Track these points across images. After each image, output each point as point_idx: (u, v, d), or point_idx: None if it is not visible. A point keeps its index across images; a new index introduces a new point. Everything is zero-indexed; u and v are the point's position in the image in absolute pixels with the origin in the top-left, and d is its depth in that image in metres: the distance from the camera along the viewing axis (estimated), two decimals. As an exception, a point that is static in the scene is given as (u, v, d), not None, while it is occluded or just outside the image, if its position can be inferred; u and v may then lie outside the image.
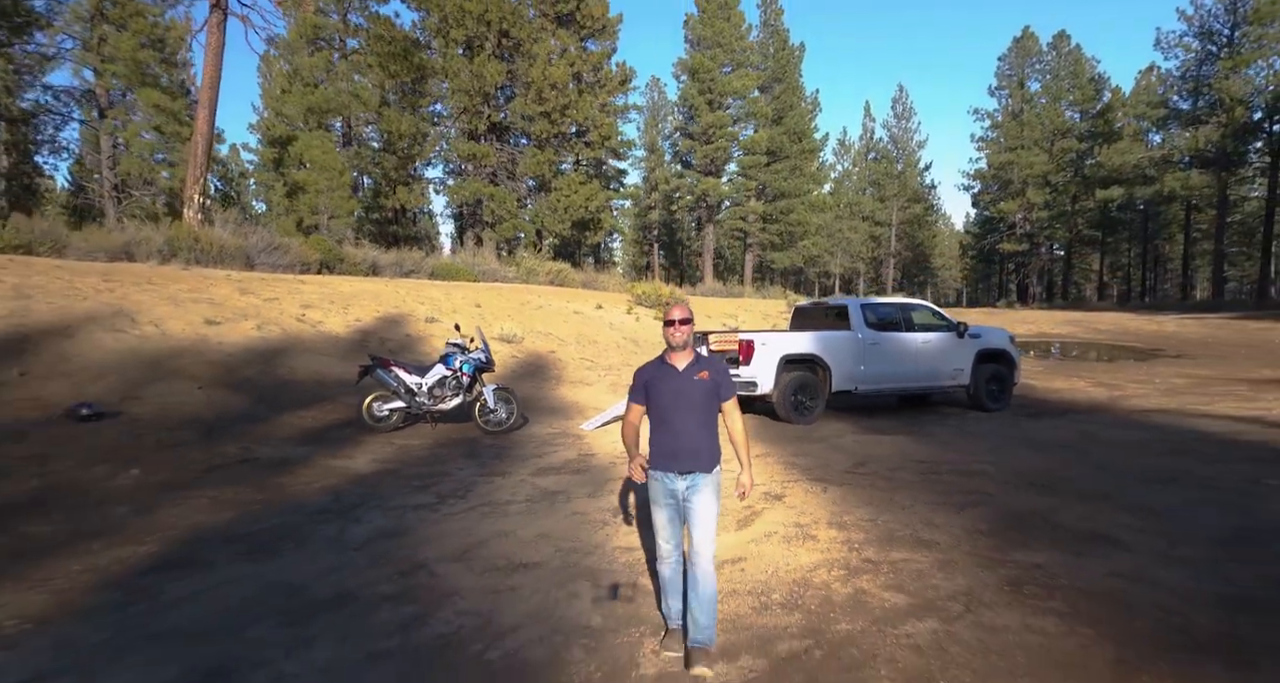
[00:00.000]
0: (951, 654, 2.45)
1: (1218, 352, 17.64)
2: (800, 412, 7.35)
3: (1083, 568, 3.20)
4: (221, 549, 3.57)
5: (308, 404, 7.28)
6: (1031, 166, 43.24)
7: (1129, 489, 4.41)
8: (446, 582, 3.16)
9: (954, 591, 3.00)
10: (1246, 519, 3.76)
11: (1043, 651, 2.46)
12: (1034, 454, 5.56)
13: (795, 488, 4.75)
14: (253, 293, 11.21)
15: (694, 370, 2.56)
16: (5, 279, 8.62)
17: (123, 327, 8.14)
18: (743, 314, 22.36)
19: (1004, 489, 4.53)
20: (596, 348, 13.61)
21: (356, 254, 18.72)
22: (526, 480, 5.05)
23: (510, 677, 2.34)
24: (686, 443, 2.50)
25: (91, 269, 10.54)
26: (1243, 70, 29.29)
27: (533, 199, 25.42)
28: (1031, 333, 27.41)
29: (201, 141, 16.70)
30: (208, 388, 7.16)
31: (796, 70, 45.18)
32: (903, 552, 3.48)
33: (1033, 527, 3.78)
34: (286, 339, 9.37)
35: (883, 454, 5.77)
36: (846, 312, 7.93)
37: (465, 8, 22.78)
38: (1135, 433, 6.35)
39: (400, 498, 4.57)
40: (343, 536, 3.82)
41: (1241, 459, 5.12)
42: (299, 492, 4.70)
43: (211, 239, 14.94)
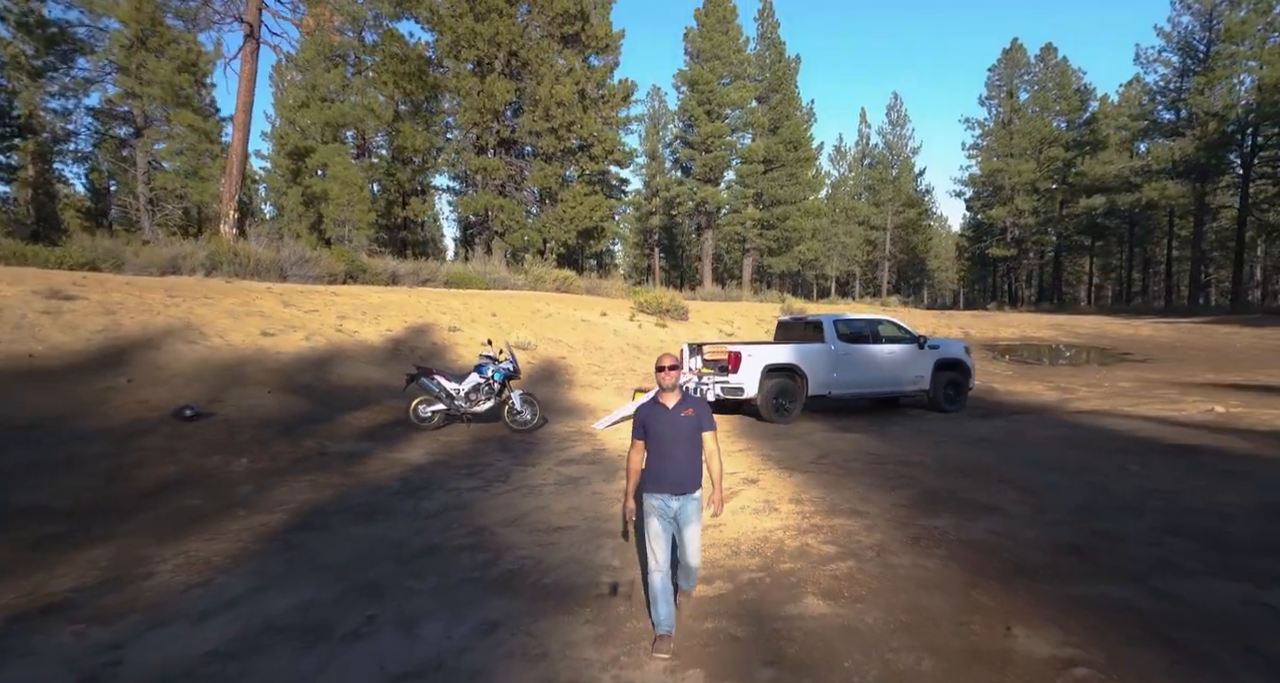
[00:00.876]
0: (858, 580, 3.61)
1: (1180, 355, 18.77)
2: (780, 413, 8.52)
3: (968, 528, 4.37)
4: (333, 517, 4.74)
5: (359, 407, 8.44)
6: (1020, 174, 44.38)
7: (1026, 474, 5.58)
8: (505, 539, 4.33)
9: (871, 544, 4.16)
10: (1100, 495, 4.92)
11: (922, 578, 3.62)
12: (966, 448, 6.73)
13: (768, 475, 5.91)
14: (294, 305, 12.37)
15: (681, 408, 3.10)
16: (91, 297, 9.79)
17: (195, 339, 9.32)
18: (739, 320, 23.50)
19: (931, 475, 5.70)
20: (602, 354, 14.77)
21: (377, 264, 19.86)
22: (553, 469, 6.21)
23: (561, 592, 3.50)
24: (678, 468, 3.03)
25: (154, 284, 11.71)
26: (1216, 86, 30.40)
27: (540, 209, 26.57)
28: (1015, 336, 28.37)
29: (236, 161, 17.87)
30: (275, 393, 8.33)
31: (793, 81, 46.36)
32: (840, 519, 4.64)
33: (942, 501, 4.94)
34: (331, 349, 10.53)
35: (843, 449, 6.94)
36: (821, 326, 9.11)
37: (477, 30, 23.93)
38: (1058, 431, 7.51)
39: (454, 482, 5.74)
40: (418, 508, 4.99)
41: (1123, 451, 6.28)
42: (373, 477, 5.87)
43: (248, 253, 16.10)
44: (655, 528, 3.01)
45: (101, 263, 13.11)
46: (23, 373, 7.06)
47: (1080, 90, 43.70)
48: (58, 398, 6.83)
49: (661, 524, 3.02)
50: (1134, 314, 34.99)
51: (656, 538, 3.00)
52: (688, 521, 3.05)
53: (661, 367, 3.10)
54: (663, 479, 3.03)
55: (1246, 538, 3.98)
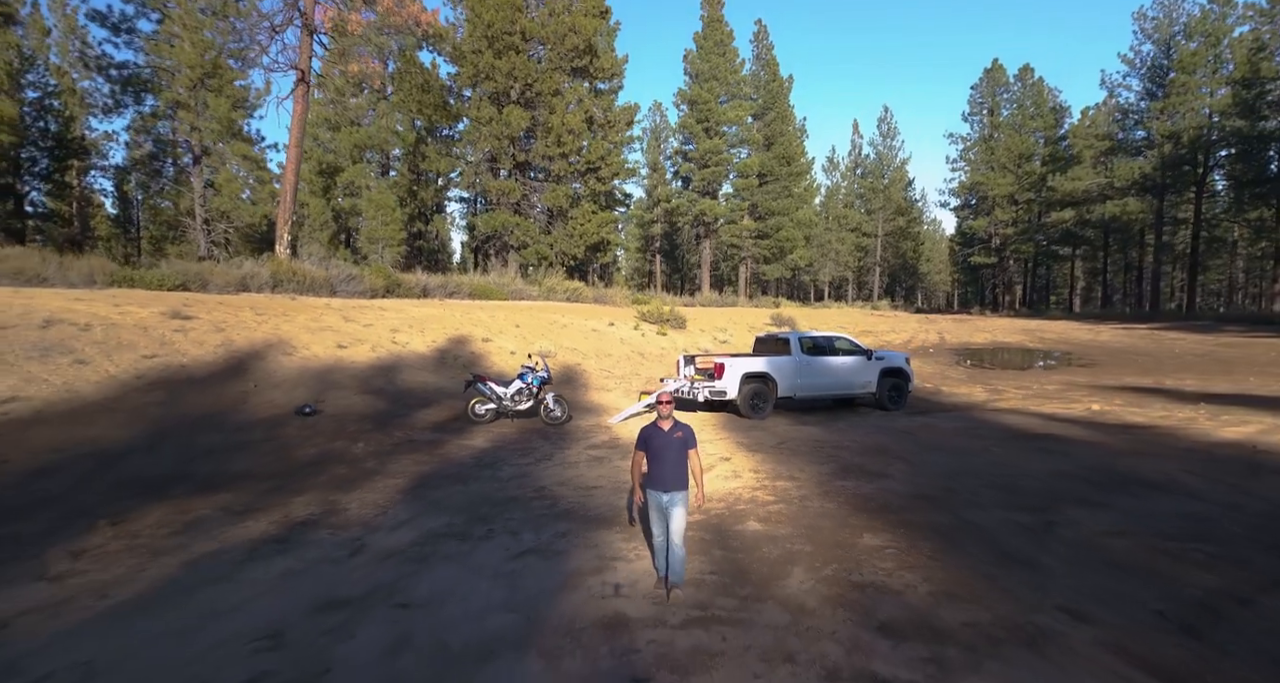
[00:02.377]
0: (783, 514, 5.75)
1: (1121, 360, 20.87)
2: (755, 410, 10.67)
3: (862, 486, 6.51)
4: (439, 481, 6.89)
5: (425, 406, 10.61)
6: (999, 187, 46.52)
7: (918, 453, 7.73)
8: (558, 493, 6.48)
9: (797, 495, 6.30)
10: (959, 466, 7.07)
11: (821, 512, 5.76)
12: (886, 437, 8.88)
13: (738, 455, 8.06)
14: (354, 321, 14.53)
15: (673, 432, 4.08)
16: (202, 317, 11.95)
17: (289, 351, 11.49)
18: (732, 327, 25.63)
19: (852, 455, 7.85)
20: (611, 360, 16.93)
21: (410, 279, 22.03)
22: (583, 451, 8.37)
23: (599, 519, 5.63)
24: (669, 473, 3.99)
25: (240, 303, 13.87)
26: (1172, 111, 32.48)
27: (551, 226, 28.72)
28: (986, 341, 30.34)
29: (289, 191, 20.03)
30: (359, 395, 10.50)
31: (786, 100, 48.54)
32: (782, 482, 6.78)
33: (852, 471, 7.10)
34: (392, 358, 12.70)
35: (797, 437, 9.09)
36: (788, 342, 11.26)
37: (495, 65, 26.09)
38: (962, 425, 9.67)
39: (514, 460, 7.89)
40: (494, 475, 7.14)
41: (996, 438, 8.43)
42: (454, 457, 8.02)
43: (304, 272, 18.28)
44: (653, 514, 4.10)
45: (191, 283, 15.30)
46: (182, 380, 9.23)
47: (1055, 108, 45.84)
48: (213, 398, 9.00)
49: (656, 511, 4.08)
50: (1101, 320, 37.09)
51: (654, 521, 4.11)
52: (674, 509, 4.01)
53: (660, 401, 4.22)
54: (658, 480, 4.03)
55: (1030, 489, 6.13)
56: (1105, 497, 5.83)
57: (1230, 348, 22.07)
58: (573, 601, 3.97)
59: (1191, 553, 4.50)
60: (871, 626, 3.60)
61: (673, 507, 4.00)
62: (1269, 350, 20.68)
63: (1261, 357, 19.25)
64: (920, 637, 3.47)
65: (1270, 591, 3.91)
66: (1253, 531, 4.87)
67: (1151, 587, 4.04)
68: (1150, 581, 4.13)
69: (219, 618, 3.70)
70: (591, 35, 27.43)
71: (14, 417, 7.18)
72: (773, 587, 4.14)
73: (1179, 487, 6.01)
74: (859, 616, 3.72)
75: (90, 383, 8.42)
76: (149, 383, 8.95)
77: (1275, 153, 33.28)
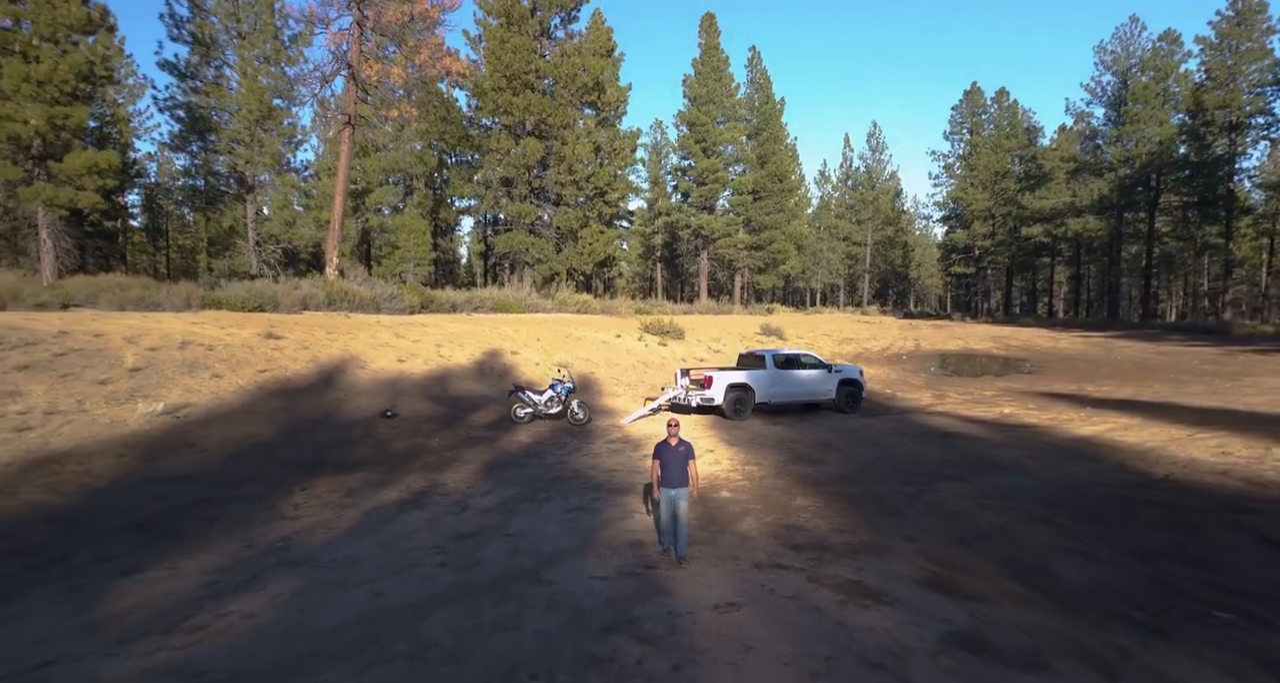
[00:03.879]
0: (746, 487, 8.20)
1: (1067, 366, 23.28)
2: (737, 413, 13.12)
3: (806, 470, 8.97)
4: (501, 466, 9.36)
5: (475, 410, 13.06)
6: (977, 202, 48.95)
7: (852, 446, 10.19)
8: (589, 474, 8.94)
9: (759, 475, 8.75)
10: (880, 456, 9.52)
11: (773, 487, 8.21)
12: (832, 434, 11.33)
13: (720, 448, 10.52)
14: (404, 337, 16.99)
15: (679, 447, 5.70)
16: (288, 336, 14.42)
17: (361, 365, 13.96)
18: (725, 337, 28.04)
19: (804, 447, 10.31)
20: (619, 369, 19.38)
21: (441, 296, 24.51)
22: (603, 446, 10.83)
23: (621, 490, 8.09)
24: (675, 476, 5.60)
25: (314, 322, 16.33)
26: (1127, 138, 34.89)
27: (563, 245, 31.20)
28: (957, 348, 32.65)
29: (337, 220, 22.48)
30: (423, 401, 12.97)
31: (778, 121, 50.97)
32: (750, 467, 9.24)
33: (802, 459, 9.55)
34: (442, 370, 15.16)
35: (767, 434, 11.55)
36: (764, 358, 13.72)
37: (513, 101, 28.56)
38: (896, 425, 12.12)
39: (553, 452, 10.34)
40: (541, 462, 9.60)
41: (917, 435, 10.88)
42: (507, 449, 10.48)
43: (353, 292, 20.75)
44: (663, 505, 5.71)
45: (266, 305, 17.79)
46: (291, 390, 11.71)
47: (1029, 129, 48.28)
48: (316, 404, 11.47)
49: (666, 503, 5.67)
50: (1068, 327, 39.48)
51: (664, 510, 5.72)
52: (680, 502, 5.61)
53: (670, 424, 6.01)
54: (667, 481, 5.67)
55: (920, 471, 8.59)
56: (966, 475, 8.28)
57: (1164, 356, 24.50)
58: (607, 533, 6.43)
59: (997, 507, 6.95)
60: (786, 545, 6.05)
61: (679, 500, 5.61)
62: (1194, 358, 23.10)
63: (1183, 364, 21.68)
64: (813, 549, 5.92)
65: (1026, 525, 6.36)
66: (1045, 494, 7.32)
67: (962, 525, 6.50)
68: (963, 521, 6.59)
69: (402, 539, 6.16)
70: (599, 74, 29.92)
71: (192, 418, 9.66)
72: (731, 527, 6.60)
73: (1018, 468, 8.46)
74: (780, 540, 6.17)
75: (229, 392, 10.90)
76: (269, 392, 11.43)
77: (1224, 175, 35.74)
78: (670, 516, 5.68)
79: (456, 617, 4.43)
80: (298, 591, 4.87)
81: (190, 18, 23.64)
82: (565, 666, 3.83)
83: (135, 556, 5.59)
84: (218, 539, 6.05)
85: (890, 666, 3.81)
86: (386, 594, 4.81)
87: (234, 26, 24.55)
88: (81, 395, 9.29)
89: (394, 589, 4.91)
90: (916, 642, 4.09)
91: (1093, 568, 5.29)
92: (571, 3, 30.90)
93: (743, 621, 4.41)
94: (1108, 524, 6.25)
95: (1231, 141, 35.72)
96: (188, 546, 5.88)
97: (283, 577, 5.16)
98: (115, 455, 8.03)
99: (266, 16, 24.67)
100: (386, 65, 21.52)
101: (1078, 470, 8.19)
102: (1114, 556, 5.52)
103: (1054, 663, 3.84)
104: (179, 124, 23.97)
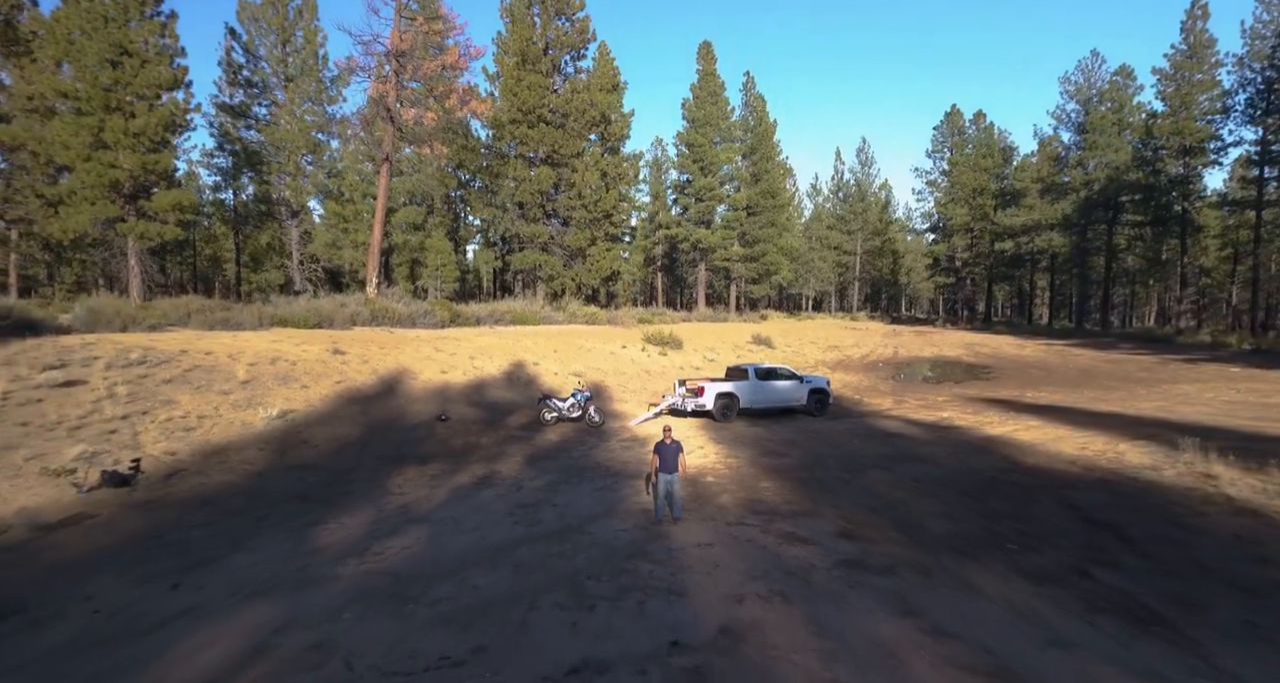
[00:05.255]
0: (726, 473, 10.69)
1: (1021, 373, 25.74)
2: (725, 417, 15.62)
3: (773, 461, 11.46)
4: (539, 459, 11.86)
5: (510, 413, 15.56)
6: (957, 217, 51.46)
7: (811, 444, 12.68)
8: (608, 465, 11.43)
9: (736, 466, 11.25)
10: (831, 451, 12.01)
11: (746, 473, 10.70)
12: (798, 435, 13.83)
13: (708, 445, 13.02)
14: (442, 350, 19.50)
15: (672, 445, 7.74)
16: (350, 351, 16.93)
17: (412, 376, 16.47)
18: (719, 346, 30.54)
19: (774, 444, 12.81)
20: (625, 377, 21.88)
21: (466, 311, 27.02)
22: (616, 444, 13.33)
23: (631, 475, 10.60)
24: (669, 465, 7.64)
25: (368, 338, 18.83)
26: (1087, 162, 37.42)
27: (573, 262, 33.72)
28: (932, 355, 35.14)
29: (375, 246, 25.00)
30: (467, 407, 15.47)
31: (771, 140, 53.48)
32: (730, 459, 11.73)
33: (771, 452, 12.06)
34: (478, 380, 17.66)
35: (747, 434, 14.05)
36: (746, 371, 16.22)
37: (529, 134, 31.10)
38: (850, 426, 14.60)
39: (577, 448, 12.84)
40: (569, 456, 12.11)
41: (865, 435, 13.36)
42: (541, 446, 12.98)
43: (393, 309, 23.27)
44: (660, 486, 7.76)
45: (324, 323, 20.30)
46: (362, 397, 14.22)
47: (1005, 149, 50.81)
48: (384, 409, 13.98)
49: (661, 485, 7.73)
50: (1035, 335, 41.99)
51: (660, 489, 7.74)
52: (673, 484, 7.73)
53: (665, 431, 8.13)
54: (663, 468, 7.68)
55: (859, 463, 11.09)
56: (893, 465, 10.79)
57: (1109, 364, 26.99)
58: (624, 504, 8.92)
59: (906, 487, 9.45)
60: (750, 511, 8.54)
61: (672, 483, 7.83)
62: (1134, 366, 25.60)
63: (1121, 371, 24.17)
64: (768, 514, 8.41)
65: (920, 499, 8.85)
66: (942, 478, 9.81)
67: (876, 499, 8.99)
68: (878, 497, 9.08)
69: (484, 507, 8.66)
70: (605, 108, 32.46)
71: (297, 421, 12.17)
72: (712, 501, 9.10)
73: (933, 460, 10.97)
74: (746, 509, 8.66)
75: (317, 400, 13.42)
76: (346, 399, 13.94)
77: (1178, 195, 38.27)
78: (665, 494, 8.06)
79: (534, 549, 6.94)
80: (429, 535, 7.39)
81: (245, 64, 26.21)
82: (606, 575, 6.31)
83: (309, 515, 8.10)
84: (357, 506, 8.57)
85: (800, 573, 6.30)
86: (486, 537, 7.32)
87: (282, 70, 27.12)
88: (215, 403, 11.81)
89: (489, 535, 7.42)
90: (820, 563, 6.59)
91: (951, 524, 7.79)
92: (580, 42, 33.46)
93: (715, 553, 6.91)
94: (975, 498, 8.76)
95: (1186, 165, 38.24)
96: (338, 510, 8.40)
97: (414, 528, 7.67)
98: (257, 449, 10.55)
99: (311, 61, 27.23)
100: (421, 110, 24.05)
101: (975, 462, 10.69)
102: (969, 517, 8.03)
103: (899, 572, 6.33)
104: (234, 158, 26.54)
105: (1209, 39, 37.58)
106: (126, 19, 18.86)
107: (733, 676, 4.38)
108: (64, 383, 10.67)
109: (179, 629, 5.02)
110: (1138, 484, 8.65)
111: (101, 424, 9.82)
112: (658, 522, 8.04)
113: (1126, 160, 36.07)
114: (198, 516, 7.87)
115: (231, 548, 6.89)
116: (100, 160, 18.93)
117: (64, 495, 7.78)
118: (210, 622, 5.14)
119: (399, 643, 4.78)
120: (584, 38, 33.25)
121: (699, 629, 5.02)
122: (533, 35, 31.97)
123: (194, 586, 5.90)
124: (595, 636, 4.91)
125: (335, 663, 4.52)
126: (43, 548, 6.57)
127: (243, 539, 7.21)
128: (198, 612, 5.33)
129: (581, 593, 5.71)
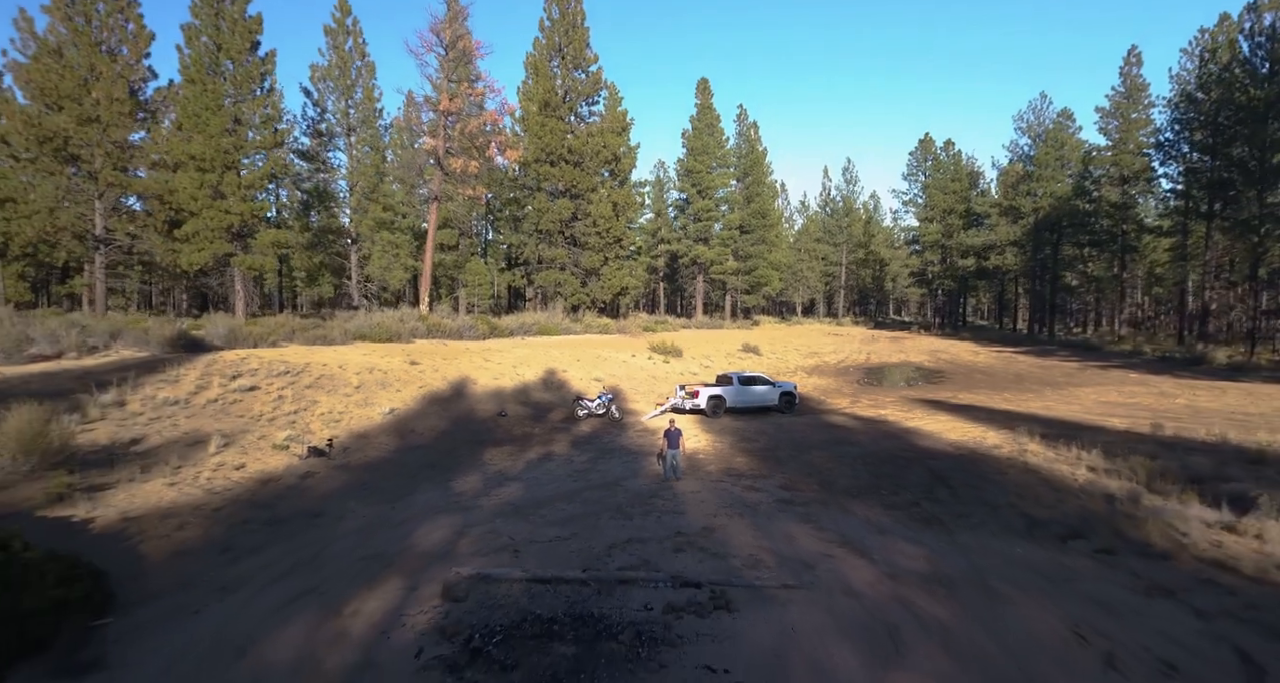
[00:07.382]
0: (712, 454, 14.69)
1: (968, 377, 29.65)
2: (715, 413, 19.62)
3: (747, 445, 15.47)
4: (580, 444, 15.88)
5: (550, 410, 19.56)
6: (929, 235, 55.42)
7: (774, 433, 16.66)
8: (630, 447, 15.44)
9: (721, 448, 15.25)
10: (790, 439, 16.00)
11: (728, 453, 14.71)
12: (768, 427, 17.81)
13: (701, 434, 17.02)
14: (490, 360, 23.55)
15: (675, 432, 11.63)
16: (423, 361, 20.95)
17: (473, 382, 20.51)
18: (715, 354, 34.51)
19: (751, 433, 16.80)
20: (635, 381, 25.88)
21: (502, 325, 31.07)
22: (634, 433, 17.33)
23: (645, 453, 14.62)
24: (673, 443, 11.46)
25: (433, 351, 22.84)
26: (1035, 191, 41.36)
27: (588, 280, 37.74)
28: (899, 360, 38.99)
29: (427, 270, 29.06)
30: (518, 405, 19.47)
31: (762, 165, 57.54)
32: (717, 445, 15.74)
33: (746, 439, 16.06)
34: (522, 384, 21.68)
35: (732, 426, 18.05)
36: (732, 377, 20.24)
37: (550, 171, 35.13)
38: (808, 420, 18.58)
39: (605, 437, 16.85)
40: (601, 442, 16.12)
41: (816, 426, 17.32)
42: (579, 435, 17.00)
43: (444, 325, 27.33)
44: (667, 459, 11.60)
45: (393, 337, 24.35)
46: (439, 399, 18.24)
47: (971, 174, 54.76)
48: (458, 408, 18.00)
49: (668, 458, 11.52)
50: (993, 342, 45.93)
51: (667, 462, 11.79)
52: (676, 459, 11.56)
53: (670, 422, 13.62)
54: (669, 446, 11.82)
55: (806, 444, 15.08)
56: (830, 447, 14.77)
57: (1042, 369, 30.94)
58: (644, 470, 12.92)
59: (834, 460, 13.44)
60: (727, 474, 12.53)
61: (676, 457, 11.94)
62: (1060, 371, 29.54)
63: (1049, 376, 28.11)
64: (738, 476, 12.40)
65: (840, 466, 12.84)
66: (861, 454, 13.79)
67: (811, 466, 12.98)
68: (813, 466, 13.06)
69: (551, 472, 12.68)
70: (616, 149, 36.50)
71: (402, 416, 16.19)
72: (702, 469, 13.10)
73: (860, 444, 14.95)
74: (724, 473, 12.65)
75: (410, 400, 17.45)
76: (429, 400, 17.98)
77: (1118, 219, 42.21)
78: (671, 464, 12.15)
79: (591, 493, 10.94)
80: (523, 486, 11.41)
81: (318, 118, 30.30)
82: (637, 505, 10.29)
83: (442, 476, 12.13)
84: (468, 471, 12.59)
85: (752, 505, 10.29)
86: (560, 487, 11.34)
87: (345, 123, 31.23)
88: (345, 403, 15.86)
89: (561, 486, 11.43)
90: (765, 500, 10.58)
91: (852, 481, 11.80)
92: (593, 90, 37.50)
93: (702, 495, 10.91)
94: (875, 465, 12.76)
95: (1124, 193, 42.15)
96: (458, 473, 12.42)
97: (512, 483, 11.70)
98: (386, 435, 14.58)
99: (370, 114, 31.33)
100: (465, 161, 28.10)
101: (887, 444, 14.70)
102: (865, 476, 12.03)
103: (810, 505, 10.32)
104: (306, 195, 30.65)
105: (1143, 83, 41.51)
106: (239, 97, 22.92)
107: (708, 545, 8.39)
108: (250, 388, 14.73)
109: (412, 525, 9.05)
110: (978, 455, 12.66)
111: (285, 417, 13.87)
112: (666, 480, 12.06)
113: (1068, 191, 40.07)
114: (375, 475, 11.91)
115: (409, 491, 10.94)
116: (218, 208, 22.98)
117: (291, 461, 11.81)
118: (426, 522, 9.17)
119: (531, 531, 8.81)
120: (596, 87, 37.29)
121: (691, 528, 9.02)
122: (553, 86, 36.00)
123: (403, 507, 9.94)
124: (635, 529, 8.92)
125: (503, 538, 8.53)
126: (307, 488, 10.61)
127: (413, 487, 11.26)
128: (417, 519, 9.36)
129: (624, 512, 9.73)
